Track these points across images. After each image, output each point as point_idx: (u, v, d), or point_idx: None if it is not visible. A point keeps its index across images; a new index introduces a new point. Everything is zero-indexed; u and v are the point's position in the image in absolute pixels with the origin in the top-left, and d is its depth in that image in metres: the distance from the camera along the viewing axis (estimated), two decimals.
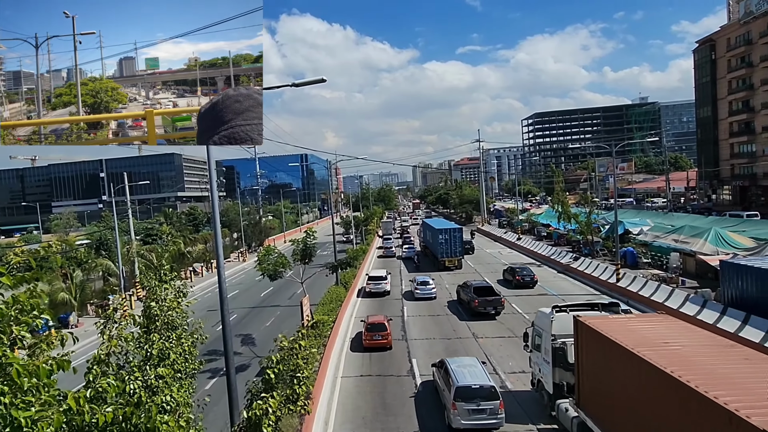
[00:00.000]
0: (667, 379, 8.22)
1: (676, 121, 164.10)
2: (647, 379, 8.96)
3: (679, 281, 28.29)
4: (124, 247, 33.13)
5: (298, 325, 20.43)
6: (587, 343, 11.90)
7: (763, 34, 57.33)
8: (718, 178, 67.43)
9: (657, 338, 10.33)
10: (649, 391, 8.94)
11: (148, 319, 8.92)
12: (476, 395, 13.39)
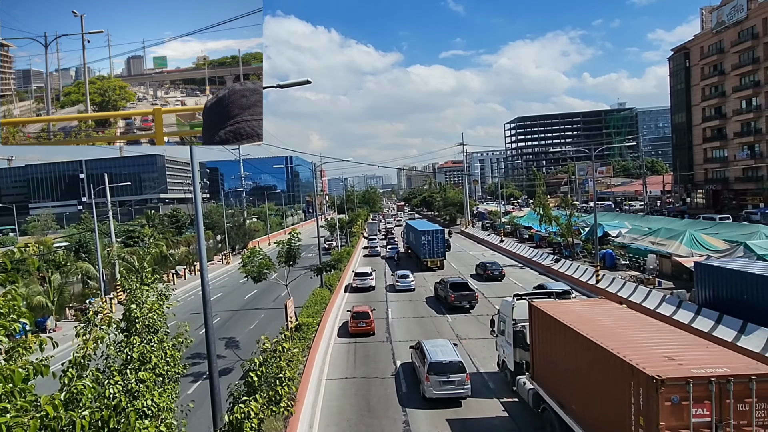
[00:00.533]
0: (595, 347, 10.27)
1: (653, 126, 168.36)
2: (582, 348, 10.93)
3: (656, 282, 29.09)
4: (105, 250, 32.52)
5: (282, 327, 20.47)
6: (539, 323, 13.81)
7: (735, 43, 59.48)
8: (692, 182, 69.53)
9: (592, 317, 12.39)
10: (583, 358, 10.95)
11: (128, 322, 8.87)
12: (446, 370, 15.36)
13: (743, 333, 18.17)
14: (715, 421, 8.36)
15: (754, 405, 8.29)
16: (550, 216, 44.23)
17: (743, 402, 8.38)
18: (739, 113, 60.09)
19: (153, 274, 10.48)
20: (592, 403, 10.67)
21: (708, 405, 8.39)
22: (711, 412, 8.39)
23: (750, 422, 8.28)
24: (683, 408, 8.35)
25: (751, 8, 56.99)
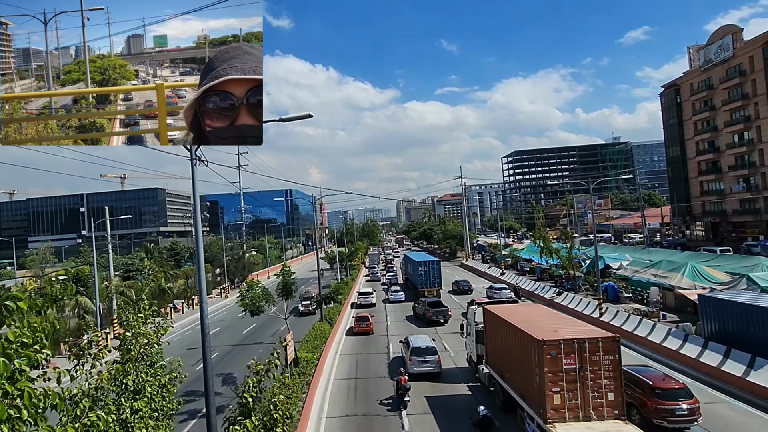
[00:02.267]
0: (517, 329, 15.28)
1: (648, 159, 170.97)
2: (511, 332, 15.94)
3: (660, 315, 28.71)
4: (103, 283, 32.16)
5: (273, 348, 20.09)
6: (488, 320, 18.94)
7: (723, 80, 61.32)
8: (690, 214, 69.90)
9: (520, 313, 17.89)
10: (511, 339, 15.94)
11: (124, 351, 8.71)
12: (424, 353, 21.23)
13: (753, 368, 17.79)
14: (578, 367, 13.17)
15: (601, 357, 13.32)
16: (550, 248, 44.15)
17: (595, 354, 13.31)
18: (732, 147, 61.18)
19: (150, 307, 10.37)
20: (516, 367, 15.59)
21: (573, 357, 13.24)
22: (575, 362, 13.21)
23: (599, 367, 13.29)
24: (558, 359, 13.22)
25: (737, 47, 59.13)
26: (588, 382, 13.15)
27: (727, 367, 18.60)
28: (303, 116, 12.02)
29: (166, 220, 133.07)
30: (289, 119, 12.24)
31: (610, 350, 13.36)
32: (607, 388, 13.21)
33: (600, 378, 13.21)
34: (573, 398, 13.10)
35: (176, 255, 63.51)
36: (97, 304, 29.00)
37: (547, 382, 13.06)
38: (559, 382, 13.11)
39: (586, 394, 13.14)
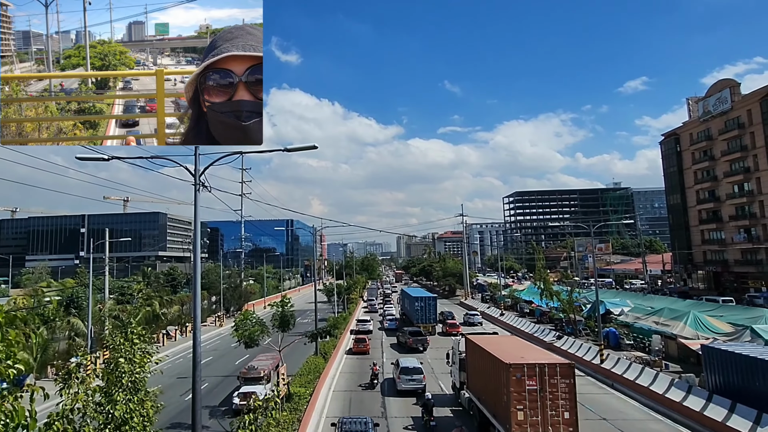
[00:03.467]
0: (491, 356, 17.47)
1: (648, 206, 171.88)
2: (486, 359, 18.09)
3: (663, 365, 28.04)
4: (96, 306, 31.69)
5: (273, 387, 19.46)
6: (469, 349, 21.30)
7: (722, 132, 62.58)
8: (692, 262, 69.54)
9: (496, 343, 20.20)
10: (487, 364, 18.06)
11: (112, 377, 8.44)
12: (411, 372, 24.26)
13: (759, 424, 17.18)
14: (539, 388, 15.26)
15: (558, 380, 15.40)
16: (551, 291, 43.67)
17: (553, 378, 15.38)
18: (732, 197, 61.63)
19: (140, 331, 10.15)
20: (489, 389, 17.78)
21: (535, 379, 15.34)
22: (536, 383, 15.30)
23: (557, 389, 15.31)
24: (522, 381, 15.36)
25: (735, 100, 60.72)
26: (547, 402, 15.28)
27: (732, 422, 17.97)
28: (308, 147, 12.09)
29: (165, 244, 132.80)
30: (293, 150, 12.31)
31: (566, 375, 15.56)
32: (563, 408, 15.28)
33: (557, 399, 15.33)
34: (534, 415, 15.21)
35: (173, 280, 62.90)
36: (89, 326, 28.45)
37: (512, 401, 15.29)
38: (523, 401, 15.30)
39: (545, 412, 15.23)
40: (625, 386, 24.69)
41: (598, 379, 27.10)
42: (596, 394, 24.23)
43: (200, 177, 12.19)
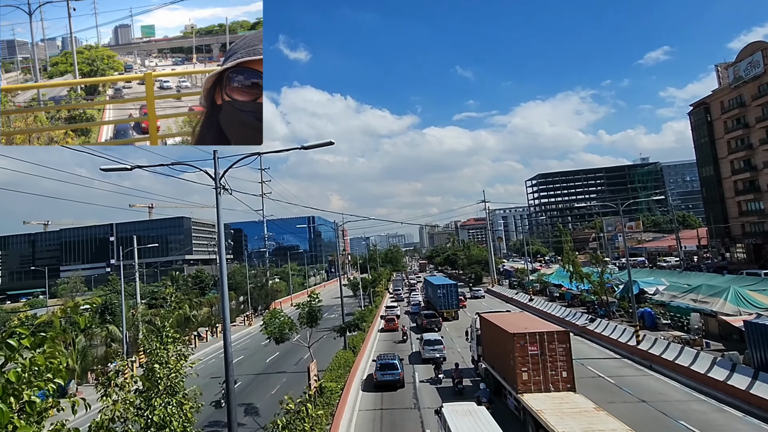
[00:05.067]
0: (500, 329, 20.00)
1: (680, 180, 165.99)
2: (496, 331, 20.68)
3: (703, 343, 26.97)
4: (129, 311, 32.58)
5: (306, 387, 19.55)
6: (483, 325, 24.05)
7: (756, 97, 59.44)
8: (729, 235, 66.70)
9: (506, 318, 23.14)
10: (496, 336, 20.69)
11: (149, 383, 8.49)
12: (433, 343, 28.48)
13: None
14: (539, 353, 17.74)
15: (558, 346, 17.87)
16: (580, 273, 42.57)
17: (552, 344, 17.86)
18: None
19: (173, 334, 10.19)
20: (500, 357, 20.36)
21: (536, 345, 17.83)
22: (537, 349, 17.77)
23: (555, 353, 17.78)
24: (525, 347, 17.84)
25: (767, 63, 57.51)
26: (548, 364, 17.79)
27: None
28: (325, 144, 11.89)
29: (191, 248, 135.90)
30: (310, 147, 12.13)
31: (563, 340, 18.07)
32: (561, 368, 17.82)
33: (556, 361, 17.84)
34: (536, 375, 17.73)
35: (201, 283, 64.24)
36: (124, 332, 29.26)
37: (518, 364, 17.80)
38: (526, 363, 17.78)
39: (546, 372, 17.77)
40: (664, 367, 23.83)
41: (635, 361, 26.26)
42: (634, 377, 23.47)
43: (221, 180, 12.26)
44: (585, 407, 15.77)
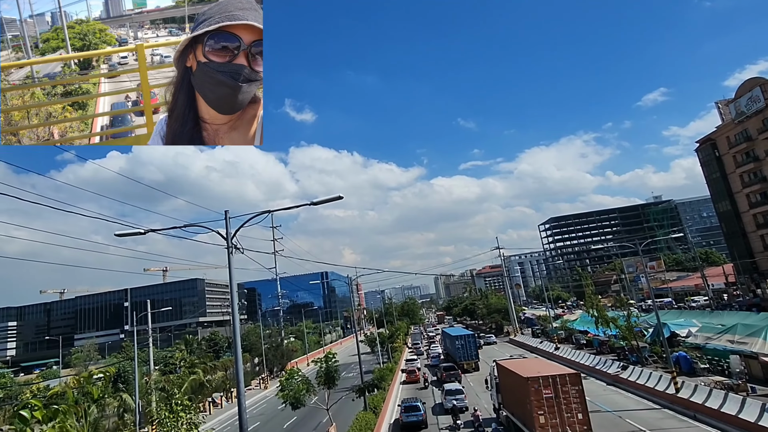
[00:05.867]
0: (515, 374, 21.13)
1: (696, 216, 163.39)
2: (513, 377, 21.64)
3: (748, 388, 25.08)
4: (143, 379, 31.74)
5: None
6: (501, 372, 24.93)
7: (761, 131, 59.63)
8: (757, 271, 64.22)
9: (521, 363, 24.68)
10: (514, 382, 21.55)
11: None
12: (454, 393, 29.25)
13: None
14: (554, 395, 18.63)
15: (571, 388, 18.88)
16: (606, 318, 40.86)
17: (564, 386, 18.83)
18: None
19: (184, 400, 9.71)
20: (518, 402, 21.08)
21: (550, 388, 18.77)
22: (551, 391, 18.69)
23: (569, 395, 18.69)
24: (540, 390, 18.79)
25: (767, 98, 58.21)
26: (562, 406, 18.56)
27: None
28: (334, 198, 12.18)
29: (205, 309, 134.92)
30: (319, 202, 12.43)
31: (575, 382, 19.12)
32: (576, 410, 18.56)
33: (570, 403, 18.64)
34: (553, 418, 18.43)
35: (215, 345, 63.02)
36: (137, 401, 28.31)
37: (534, 407, 18.58)
38: (542, 407, 18.60)
39: (561, 414, 18.43)
40: (710, 416, 22.01)
41: (676, 410, 24.37)
42: (678, 429, 21.67)
43: (232, 239, 12.32)
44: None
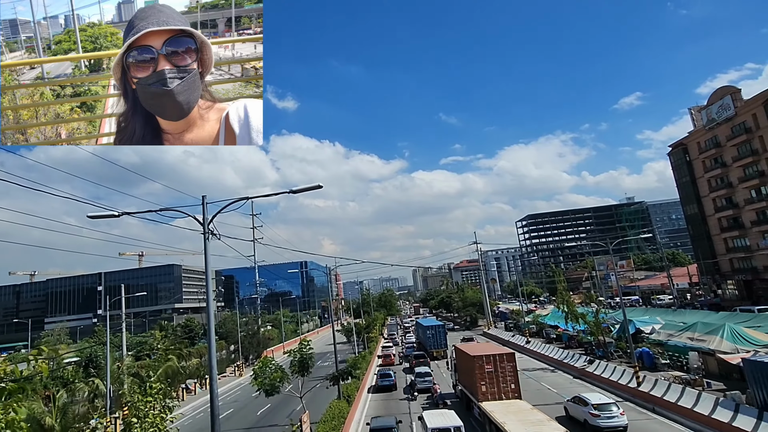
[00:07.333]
0: (467, 354, 25.88)
1: (666, 218, 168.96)
2: (466, 357, 26.17)
3: (704, 383, 26.54)
4: (115, 364, 31.38)
5: None
6: (457, 354, 29.69)
7: (729, 138, 62.02)
8: (719, 272, 67.21)
9: (473, 346, 29.85)
10: (466, 361, 26.12)
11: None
12: (423, 375, 32.97)
13: None
14: (494, 370, 23.48)
15: (506, 364, 23.74)
16: (575, 314, 42.29)
17: (502, 363, 23.71)
18: (751, 202, 60.24)
19: (159, 389, 9.75)
20: (468, 376, 25.56)
21: (491, 364, 23.58)
22: (492, 367, 23.51)
23: (505, 370, 23.58)
24: (483, 366, 23.58)
25: (738, 106, 60.49)
26: (500, 378, 23.40)
27: None
28: (313, 187, 12.09)
29: (181, 296, 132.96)
30: (299, 190, 12.31)
31: (510, 360, 23.90)
32: (510, 381, 23.45)
33: (506, 376, 23.50)
34: (492, 387, 23.40)
35: (190, 332, 62.40)
36: (108, 386, 27.98)
37: (478, 379, 23.41)
38: (485, 378, 23.43)
39: (499, 384, 23.38)
40: (667, 409, 23.29)
41: (637, 403, 25.66)
42: (637, 420, 22.85)
43: (209, 225, 12.19)
44: (525, 408, 21.31)
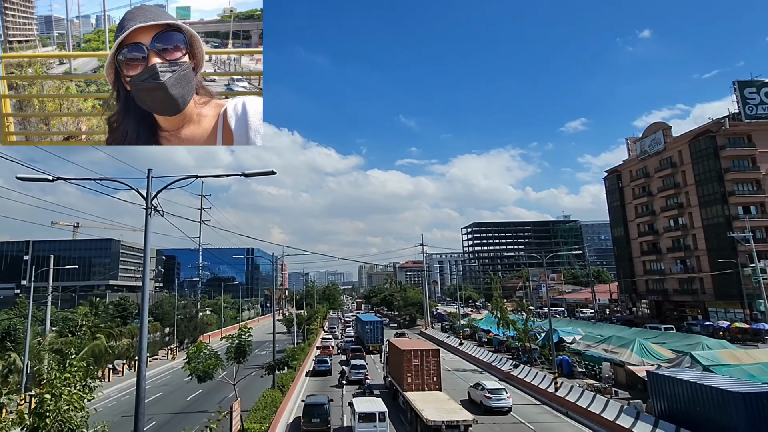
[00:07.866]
0: (397, 348, 28.43)
1: (596, 238, 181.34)
2: (397, 351, 28.41)
3: (613, 391, 29.05)
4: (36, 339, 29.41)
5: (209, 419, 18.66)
6: (390, 348, 31.43)
7: (657, 170, 68.16)
8: (636, 291, 73.64)
9: (404, 342, 32.98)
10: (397, 355, 28.28)
11: (37, 417, 7.63)
12: (358, 368, 35.01)
13: None
14: (420, 363, 25.87)
15: (431, 359, 26.25)
16: (507, 320, 44.80)
17: (428, 357, 26.15)
18: (669, 230, 66.52)
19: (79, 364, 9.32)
20: (398, 370, 27.16)
21: (419, 358, 25.98)
22: (419, 360, 25.92)
23: (430, 364, 26.09)
24: (411, 359, 25.96)
25: (667, 141, 66.60)
26: (424, 371, 25.71)
27: None
28: (267, 173, 11.93)
29: (117, 272, 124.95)
30: (252, 174, 11.91)
31: (435, 355, 26.37)
32: (433, 375, 25.94)
33: (430, 369, 25.89)
34: (417, 379, 25.65)
35: (124, 311, 59.25)
36: (26, 362, 26.20)
37: (405, 371, 25.56)
38: (411, 370, 25.62)
39: (423, 377, 25.66)
40: (579, 414, 25.35)
41: (553, 407, 27.75)
42: (551, 423, 24.82)
43: (152, 201, 11.31)
44: (443, 399, 23.94)
